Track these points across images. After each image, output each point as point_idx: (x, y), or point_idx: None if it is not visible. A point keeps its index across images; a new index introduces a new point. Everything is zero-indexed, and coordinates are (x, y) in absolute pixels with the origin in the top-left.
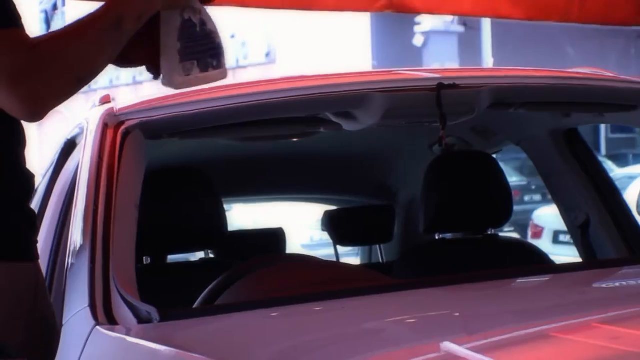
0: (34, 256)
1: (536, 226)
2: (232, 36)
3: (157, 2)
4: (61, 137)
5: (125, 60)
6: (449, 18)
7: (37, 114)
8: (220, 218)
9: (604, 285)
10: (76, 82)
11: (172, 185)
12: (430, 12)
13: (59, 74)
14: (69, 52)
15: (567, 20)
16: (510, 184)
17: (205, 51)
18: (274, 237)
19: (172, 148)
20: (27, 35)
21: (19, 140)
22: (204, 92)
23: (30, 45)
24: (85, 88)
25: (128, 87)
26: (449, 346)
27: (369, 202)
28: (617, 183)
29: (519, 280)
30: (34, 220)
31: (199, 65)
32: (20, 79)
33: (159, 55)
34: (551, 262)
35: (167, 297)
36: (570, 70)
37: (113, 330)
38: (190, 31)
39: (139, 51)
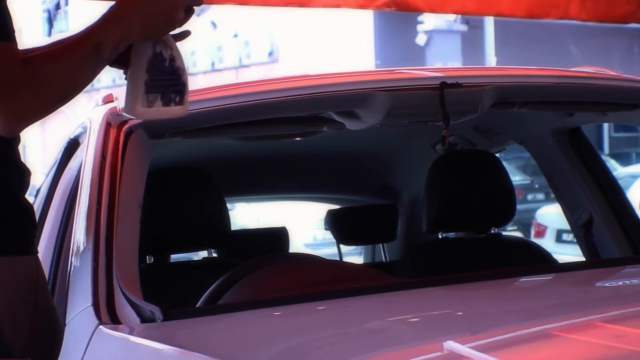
0: (34, 250)
1: (539, 225)
2: (235, 35)
3: (135, 31)
4: (64, 136)
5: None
6: (452, 17)
7: (14, 130)
8: (223, 217)
9: (607, 284)
10: (56, 101)
11: (175, 185)
12: (432, 10)
13: (43, 93)
14: (54, 73)
15: (567, 17)
16: (514, 182)
17: (170, 86)
18: (277, 237)
19: (174, 147)
20: (18, 50)
21: (14, 136)
22: (207, 92)
23: (20, 62)
24: (88, 87)
25: None
26: (452, 345)
27: (371, 201)
28: (620, 182)
29: (522, 280)
30: (32, 215)
31: (162, 98)
32: (7, 93)
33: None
34: (554, 261)
35: (170, 297)
36: (573, 69)
37: (116, 330)
38: (159, 65)
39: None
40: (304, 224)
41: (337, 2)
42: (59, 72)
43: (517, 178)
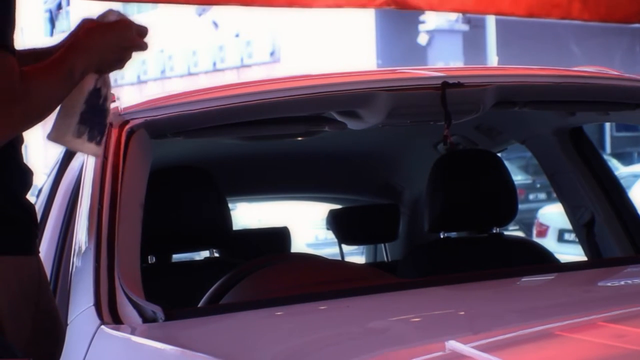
0: (36, 250)
1: (541, 225)
2: (237, 35)
3: (95, 61)
4: None
5: None
6: (454, 17)
7: (11, 136)
8: (225, 217)
9: (609, 284)
10: (36, 118)
11: (177, 185)
12: (431, 8)
13: (32, 107)
14: (41, 90)
15: (568, 17)
16: (515, 182)
17: (98, 123)
18: (279, 236)
19: (176, 147)
20: (16, 62)
21: (17, 137)
22: (208, 92)
23: (18, 74)
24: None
25: (132, 86)
26: (454, 345)
27: (373, 201)
28: (622, 181)
29: (524, 279)
30: (34, 215)
31: (89, 133)
32: (3, 104)
33: None
34: (556, 261)
35: (172, 297)
36: (575, 69)
37: (118, 330)
38: (95, 100)
39: None
40: (306, 223)
41: (339, 3)
42: (44, 89)
43: (518, 178)
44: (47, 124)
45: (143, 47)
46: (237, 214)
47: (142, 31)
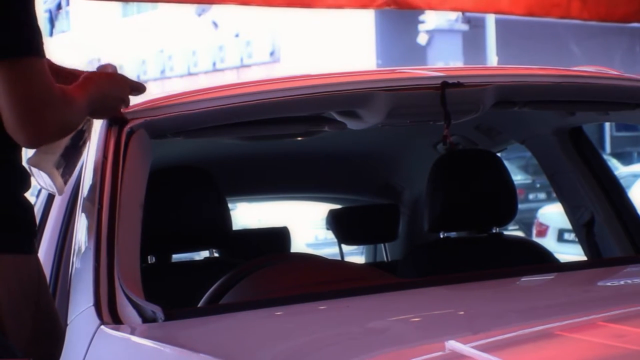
0: (35, 250)
1: (541, 224)
2: (237, 35)
3: (95, 104)
4: None
5: None
6: (453, 16)
7: (35, 143)
8: (225, 217)
9: (608, 284)
10: (67, 129)
11: (177, 185)
12: (431, 8)
13: (65, 117)
14: (73, 106)
15: (568, 16)
16: (515, 182)
17: (71, 163)
18: (279, 236)
19: (176, 147)
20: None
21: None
22: (208, 92)
23: (52, 79)
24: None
25: None
26: (454, 345)
27: (373, 201)
28: (622, 181)
29: (523, 279)
30: (33, 214)
31: (65, 168)
32: (47, 110)
33: None
34: (556, 261)
35: (171, 297)
36: (574, 69)
37: (118, 330)
38: (77, 141)
39: None
40: (306, 223)
41: (339, 3)
42: (77, 106)
43: (518, 177)
44: None
45: (128, 103)
46: (237, 214)
47: (138, 88)
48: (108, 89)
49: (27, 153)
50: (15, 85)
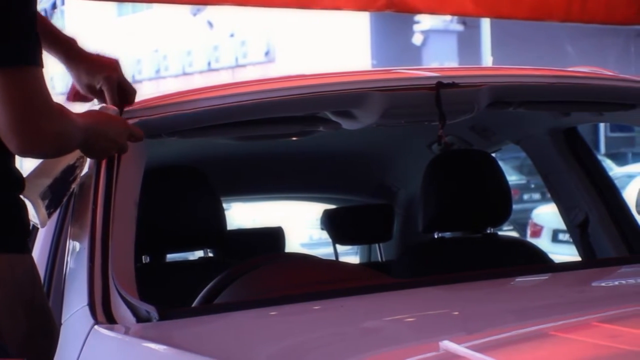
0: (29, 249)
1: (535, 225)
2: (232, 35)
3: (90, 140)
4: None
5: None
6: (448, 17)
7: (28, 152)
8: (219, 217)
9: (603, 284)
10: (56, 147)
11: (171, 184)
12: (431, 12)
13: (61, 131)
14: (69, 123)
15: (568, 20)
16: (510, 182)
17: (57, 198)
18: (273, 236)
19: (171, 147)
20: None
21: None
22: (203, 91)
23: (50, 95)
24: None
25: None
26: (448, 345)
27: (368, 201)
28: (616, 182)
29: (518, 279)
30: (27, 214)
31: (51, 201)
32: (42, 119)
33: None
34: (550, 261)
35: (166, 296)
36: (569, 69)
37: (112, 330)
38: (67, 175)
39: None
40: (300, 223)
41: (337, 4)
42: (72, 124)
43: (513, 178)
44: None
45: (126, 149)
46: (232, 214)
47: (137, 135)
48: (105, 128)
49: (21, 159)
50: (13, 94)
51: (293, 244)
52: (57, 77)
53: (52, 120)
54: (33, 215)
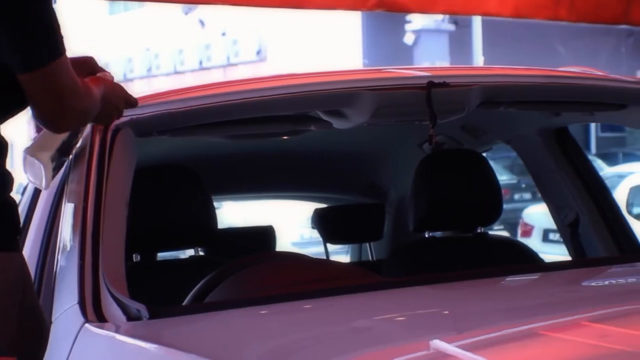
0: (19, 247)
1: (526, 224)
2: (223, 34)
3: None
4: None
5: None
6: (440, 16)
7: (63, 130)
8: (210, 216)
9: (593, 284)
10: (84, 122)
11: (162, 183)
12: (421, 10)
13: (87, 107)
14: (93, 98)
15: (556, 18)
16: (500, 182)
17: (61, 161)
18: (264, 235)
19: (162, 145)
20: None
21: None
22: (194, 90)
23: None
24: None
25: None
26: (438, 344)
27: (359, 200)
28: (606, 182)
29: (508, 279)
30: (17, 212)
31: (56, 163)
32: (74, 100)
33: None
34: (541, 261)
35: (156, 295)
36: (560, 69)
37: (102, 328)
38: (72, 139)
39: None
40: (291, 222)
41: (329, 4)
42: (95, 99)
43: (503, 177)
44: (32, 120)
45: (121, 113)
46: (223, 213)
47: (131, 101)
48: (111, 94)
49: (12, 157)
50: (48, 87)
51: (284, 243)
52: None
53: (80, 99)
54: (40, 177)
